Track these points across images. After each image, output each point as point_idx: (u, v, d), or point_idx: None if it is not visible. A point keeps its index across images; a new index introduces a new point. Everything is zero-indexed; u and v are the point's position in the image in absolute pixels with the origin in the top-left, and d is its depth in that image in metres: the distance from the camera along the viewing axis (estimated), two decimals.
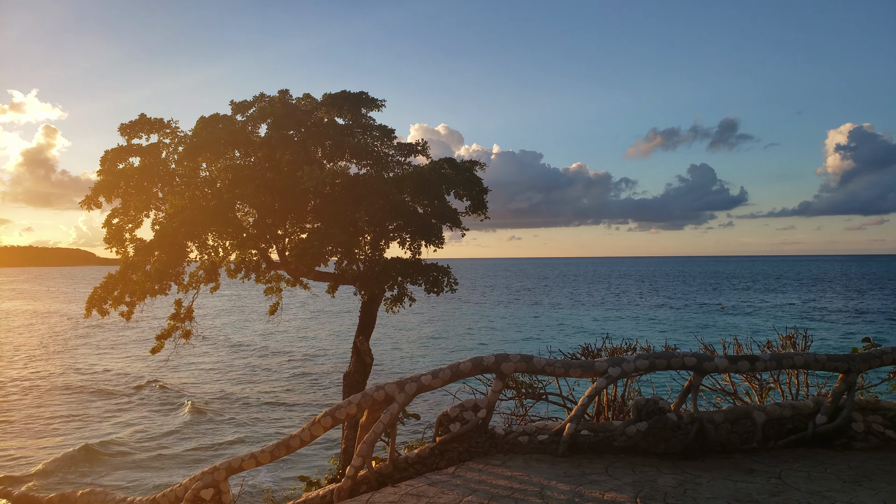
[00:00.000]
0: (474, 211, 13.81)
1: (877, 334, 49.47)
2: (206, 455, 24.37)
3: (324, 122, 13.70)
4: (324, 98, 13.98)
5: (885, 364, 8.37)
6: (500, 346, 50.46)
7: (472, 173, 13.84)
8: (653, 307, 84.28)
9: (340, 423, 8.37)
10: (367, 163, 13.58)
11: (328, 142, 13.26)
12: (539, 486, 6.38)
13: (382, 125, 13.82)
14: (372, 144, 13.58)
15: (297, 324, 67.37)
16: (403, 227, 13.14)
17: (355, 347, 13.55)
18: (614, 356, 9.08)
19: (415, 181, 12.97)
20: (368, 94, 13.92)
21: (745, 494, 5.99)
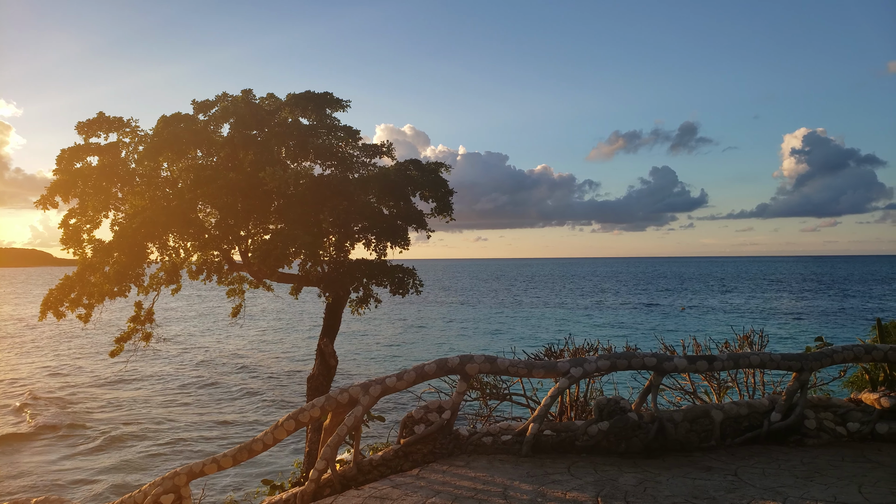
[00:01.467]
0: (440, 212, 13.82)
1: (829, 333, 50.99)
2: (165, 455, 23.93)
3: (287, 123, 13.57)
4: (288, 98, 13.85)
5: (835, 362, 8.65)
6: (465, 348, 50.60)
7: (437, 175, 13.86)
8: (615, 308, 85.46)
9: (304, 427, 8.32)
10: (332, 163, 13.50)
11: (292, 142, 13.13)
12: (502, 486, 6.43)
13: (347, 126, 13.75)
14: (336, 145, 13.50)
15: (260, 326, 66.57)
16: (368, 229, 13.09)
17: (319, 350, 13.45)
18: (576, 357, 9.20)
19: (380, 182, 12.93)
20: (333, 95, 13.83)
21: (702, 491, 6.13)
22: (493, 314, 78.68)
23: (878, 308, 77.06)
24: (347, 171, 13.47)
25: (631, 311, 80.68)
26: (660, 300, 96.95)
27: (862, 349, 8.71)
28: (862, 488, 6.06)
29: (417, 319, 71.20)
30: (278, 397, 33.99)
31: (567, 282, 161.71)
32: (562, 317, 74.46)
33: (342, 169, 13.44)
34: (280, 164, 12.98)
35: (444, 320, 71.51)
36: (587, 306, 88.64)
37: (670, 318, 71.09)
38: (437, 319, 72.21)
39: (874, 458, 7.17)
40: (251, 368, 42.69)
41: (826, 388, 10.28)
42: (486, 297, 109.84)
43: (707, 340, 10.56)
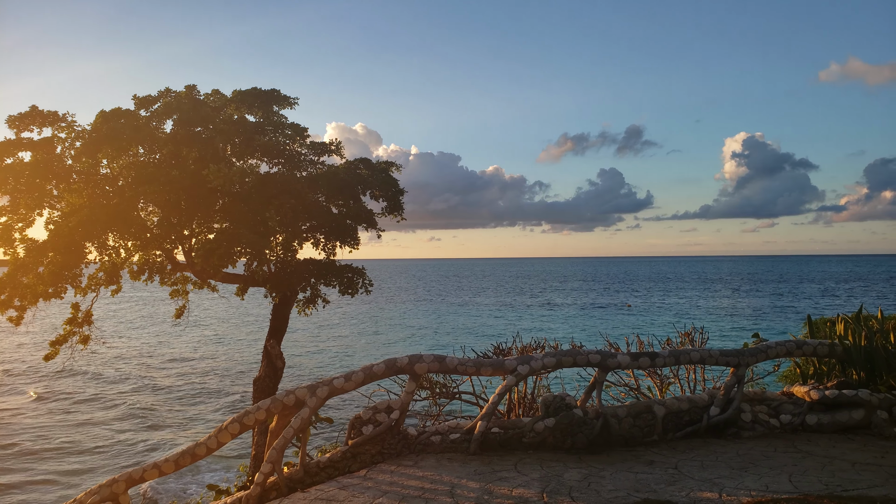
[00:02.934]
0: (391, 212, 13.80)
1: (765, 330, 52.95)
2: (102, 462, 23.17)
3: (233, 120, 13.32)
4: (233, 94, 13.60)
5: (770, 357, 8.99)
6: (415, 347, 50.58)
7: (388, 174, 13.83)
8: (563, 306, 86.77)
9: (249, 430, 8.19)
10: (279, 161, 13.32)
11: (237, 139, 12.90)
12: (450, 485, 6.47)
13: (295, 123, 13.58)
14: (284, 143, 13.33)
15: (204, 327, 65.09)
16: (317, 228, 12.97)
17: (266, 351, 13.25)
18: (524, 354, 9.31)
19: (329, 181, 12.82)
20: (280, 92, 13.65)
21: (644, 485, 6.29)
22: (444, 313, 78.89)
23: (809, 305, 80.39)
24: (295, 169, 13.32)
25: (579, 309, 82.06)
26: (607, 299, 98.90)
27: (794, 344, 9.08)
28: (792, 477, 6.33)
29: (367, 320, 70.84)
30: (223, 400, 33.31)
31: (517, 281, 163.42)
32: (511, 315, 75.20)
33: (290, 167, 13.28)
34: (225, 161, 12.74)
35: (394, 320, 71.33)
36: (536, 305, 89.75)
37: (617, 316, 72.61)
38: (388, 319, 71.98)
39: (804, 448, 7.49)
40: (195, 371, 41.72)
41: (762, 383, 10.67)
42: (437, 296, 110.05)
43: (650, 338, 10.84)
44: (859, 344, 8.96)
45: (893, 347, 8.91)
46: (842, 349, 9.03)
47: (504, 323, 66.39)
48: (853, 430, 8.18)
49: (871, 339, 8.96)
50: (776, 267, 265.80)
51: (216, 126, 13.00)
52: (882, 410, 8.15)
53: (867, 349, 8.87)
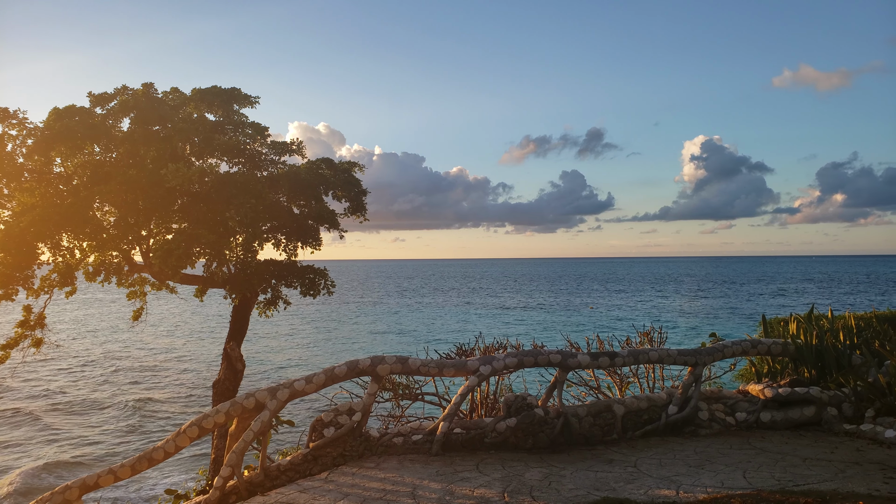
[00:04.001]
0: (353, 212, 13.72)
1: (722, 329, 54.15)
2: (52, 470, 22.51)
3: (192, 118, 13.08)
4: (193, 93, 13.36)
5: (726, 357, 9.21)
6: (378, 348, 50.36)
7: (350, 174, 13.74)
8: (526, 307, 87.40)
9: (208, 433, 8.05)
10: (239, 161, 13.13)
11: (197, 138, 12.68)
12: (412, 486, 6.46)
13: (256, 122, 13.41)
14: (244, 142, 13.14)
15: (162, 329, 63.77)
16: (278, 228, 12.82)
17: (226, 353, 13.04)
18: (486, 355, 9.35)
19: (290, 181, 12.68)
20: (241, 90, 13.46)
21: (604, 483, 6.37)
22: (407, 314, 78.75)
23: (765, 305, 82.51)
24: (256, 168, 13.15)
25: (541, 309, 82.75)
26: (569, 299, 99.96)
27: (749, 344, 9.32)
28: (746, 474, 6.48)
29: (330, 321, 70.27)
30: (182, 403, 32.68)
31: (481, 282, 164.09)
32: (474, 316, 75.46)
33: (250, 167, 13.10)
34: (184, 160, 12.51)
35: (357, 321, 70.91)
36: (499, 306, 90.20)
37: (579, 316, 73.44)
38: (351, 321, 71.53)
39: (758, 444, 7.68)
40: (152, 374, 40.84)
41: (719, 381, 10.92)
42: (400, 297, 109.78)
43: (610, 337, 10.99)
44: (810, 343, 9.23)
45: (842, 346, 9.21)
46: (794, 348, 9.29)
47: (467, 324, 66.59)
48: (805, 426, 8.43)
49: (821, 338, 9.24)
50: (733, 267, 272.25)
51: (175, 125, 12.75)
52: (832, 407, 8.41)
53: (818, 348, 9.15)
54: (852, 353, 9.08)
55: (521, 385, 11.42)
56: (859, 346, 9.26)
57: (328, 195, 13.47)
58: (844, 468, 6.59)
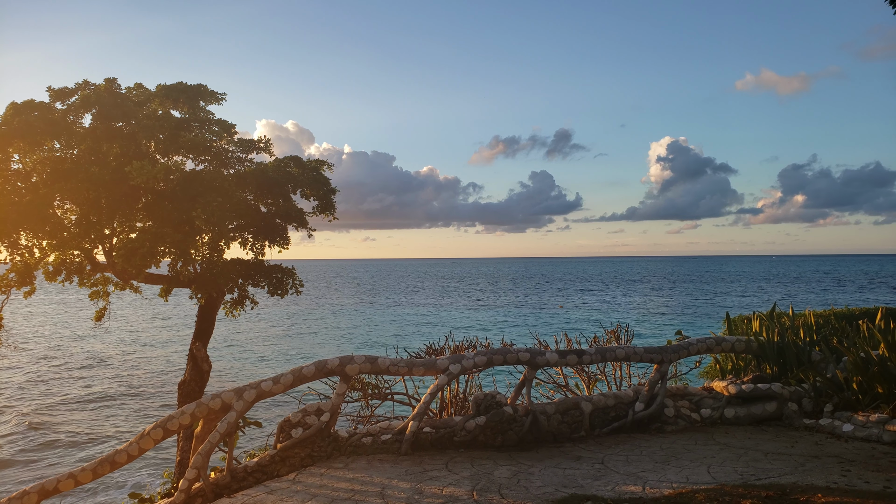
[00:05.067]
0: (322, 211, 13.61)
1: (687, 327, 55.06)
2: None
3: (157, 115, 12.84)
4: (158, 89, 13.11)
5: (691, 354, 9.37)
6: (347, 348, 50.08)
7: (319, 173, 13.63)
8: (496, 306, 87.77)
9: (173, 435, 7.92)
10: (206, 158, 12.92)
11: (161, 135, 12.44)
12: (380, 486, 6.43)
13: (222, 119, 13.21)
14: (211, 139, 12.94)
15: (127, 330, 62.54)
16: (245, 227, 12.65)
17: (191, 354, 12.83)
18: (456, 354, 9.36)
19: (257, 179, 12.53)
20: (207, 87, 13.25)
21: (571, 481, 6.43)
22: (377, 314, 78.49)
23: (729, 303, 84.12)
24: (222, 166, 12.96)
25: (512, 308, 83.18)
26: (539, 298, 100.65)
27: (713, 341, 9.49)
28: (710, 469, 6.60)
29: (298, 321, 69.65)
30: (147, 405, 32.10)
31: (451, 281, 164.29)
32: (444, 315, 75.53)
33: (216, 164, 12.91)
34: (149, 158, 12.28)
35: (326, 321, 70.43)
36: (469, 305, 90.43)
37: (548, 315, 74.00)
38: (319, 320, 71.01)
39: (722, 440, 7.83)
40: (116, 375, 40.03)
41: (685, 378, 11.10)
42: (370, 296, 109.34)
43: (578, 335, 11.09)
44: (772, 340, 9.45)
45: (803, 343, 9.44)
46: (757, 345, 9.50)
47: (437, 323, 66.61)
48: (767, 421, 8.62)
49: (783, 336, 9.46)
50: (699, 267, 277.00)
51: (139, 121, 12.50)
52: (792, 402, 8.61)
53: (779, 345, 9.36)
54: (812, 350, 9.31)
55: (490, 383, 11.47)
56: (818, 342, 9.50)
57: (296, 194, 13.34)
58: (804, 462, 6.75)
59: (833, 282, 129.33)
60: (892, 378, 7.95)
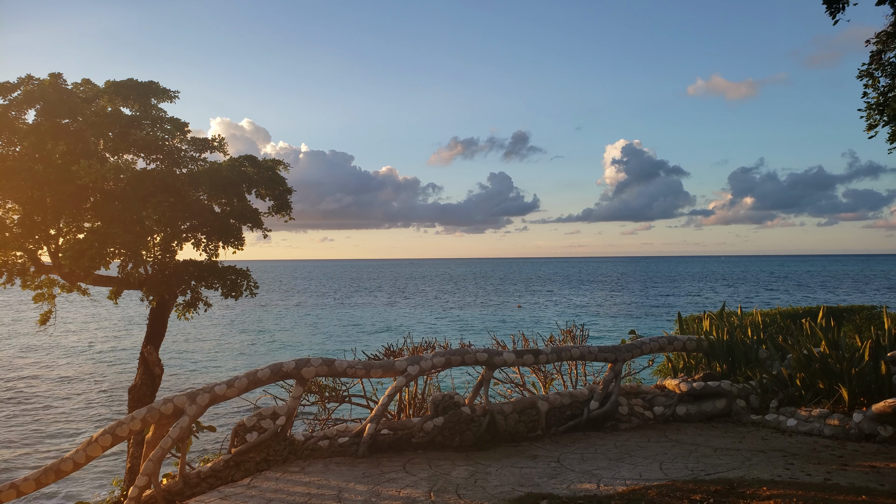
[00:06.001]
0: (278, 211, 13.42)
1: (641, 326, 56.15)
2: None
3: (106, 112, 12.47)
4: (107, 85, 12.73)
5: (645, 353, 9.57)
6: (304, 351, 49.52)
7: (275, 172, 13.44)
8: (456, 307, 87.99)
9: (122, 441, 7.71)
10: (157, 157, 12.61)
11: (111, 133, 12.09)
12: (337, 489, 6.39)
13: (175, 118, 12.91)
14: (162, 138, 12.63)
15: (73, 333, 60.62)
16: (198, 227, 12.39)
17: (143, 358, 12.50)
18: (414, 355, 9.36)
19: (211, 178, 12.27)
20: (159, 84, 12.93)
21: (528, 479, 6.50)
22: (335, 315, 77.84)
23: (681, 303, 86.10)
24: (175, 165, 12.67)
25: (470, 309, 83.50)
26: (498, 298, 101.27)
27: (666, 340, 9.71)
28: (662, 465, 6.76)
29: (253, 323, 68.58)
30: (95, 411, 31.17)
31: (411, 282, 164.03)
32: (403, 316, 75.37)
33: (169, 163, 12.61)
34: (97, 156, 11.92)
35: (282, 323, 69.50)
36: (429, 305, 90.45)
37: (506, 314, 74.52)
38: (275, 322, 70.03)
39: (674, 437, 8.02)
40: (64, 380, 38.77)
41: (638, 377, 11.33)
42: (328, 298, 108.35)
43: (535, 335, 11.21)
44: (722, 339, 9.72)
45: (751, 341, 9.74)
46: (707, 344, 9.75)
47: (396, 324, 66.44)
48: (717, 418, 8.87)
49: (732, 334, 9.74)
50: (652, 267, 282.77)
51: (87, 118, 12.12)
52: (740, 399, 8.88)
53: (728, 343, 9.63)
54: (759, 348, 9.61)
55: (449, 384, 11.50)
56: (765, 341, 9.81)
57: (251, 193, 13.13)
58: (751, 456, 6.96)
59: (779, 281, 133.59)
60: (833, 374, 8.26)
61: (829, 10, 7.56)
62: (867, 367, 8.06)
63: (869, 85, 10.78)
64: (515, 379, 10.82)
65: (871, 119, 10.66)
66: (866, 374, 8.05)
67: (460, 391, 9.58)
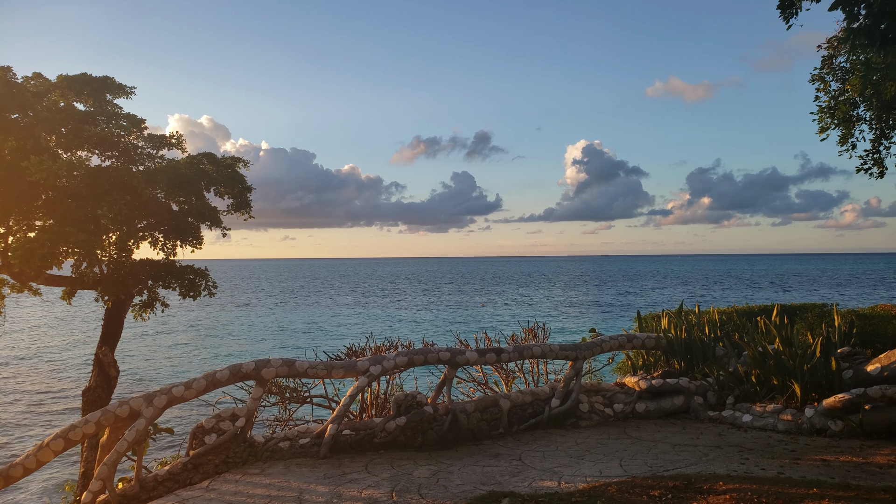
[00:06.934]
0: (237, 209, 13.23)
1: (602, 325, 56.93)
2: None
3: (59, 107, 12.12)
4: (59, 79, 12.37)
5: (605, 351, 9.69)
6: (264, 351, 48.89)
7: (234, 170, 13.24)
8: (419, 306, 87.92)
9: (75, 445, 7.50)
10: (113, 154, 12.31)
11: (64, 129, 11.76)
12: (298, 490, 6.32)
13: (131, 114, 12.62)
14: (118, 134, 12.32)
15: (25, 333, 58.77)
16: (155, 226, 12.13)
17: (97, 359, 12.19)
18: (377, 355, 9.31)
19: (168, 176, 12.03)
20: (114, 79, 12.62)
21: (490, 478, 6.52)
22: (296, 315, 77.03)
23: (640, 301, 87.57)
24: (131, 163, 12.39)
25: (434, 308, 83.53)
26: (461, 297, 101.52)
27: (625, 338, 9.86)
28: (622, 462, 6.85)
29: (212, 324, 67.42)
30: (47, 414, 30.25)
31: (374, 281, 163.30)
32: (366, 316, 75.01)
33: (125, 160, 12.32)
34: (49, 153, 11.58)
35: (242, 323, 68.48)
36: (391, 305, 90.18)
37: (470, 313, 74.76)
38: (236, 323, 68.98)
39: (633, 433, 8.14)
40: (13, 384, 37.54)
41: (599, 374, 11.46)
42: (289, 297, 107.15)
43: (497, 334, 11.26)
44: (680, 337, 9.90)
45: (708, 339, 9.94)
46: (665, 342, 9.93)
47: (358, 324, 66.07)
48: (675, 414, 9.03)
49: (689, 332, 9.93)
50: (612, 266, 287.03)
51: (38, 113, 11.76)
52: (698, 396, 9.06)
53: (686, 341, 9.82)
54: (716, 346, 9.82)
55: (412, 384, 11.47)
56: (722, 338, 10.03)
57: (210, 191, 12.91)
58: (708, 452, 7.11)
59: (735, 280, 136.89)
60: (786, 370, 8.49)
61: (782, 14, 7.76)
62: (818, 363, 8.31)
63: (820, 89, 11.12)
64: (478, 378, 10.85)
65: (823, 122, 11.00)
66: (818, 371, 8.30)
67: (423, 391, 9.55)
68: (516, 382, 10.74)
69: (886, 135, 10.96)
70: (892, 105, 10.44)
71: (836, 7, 7.19)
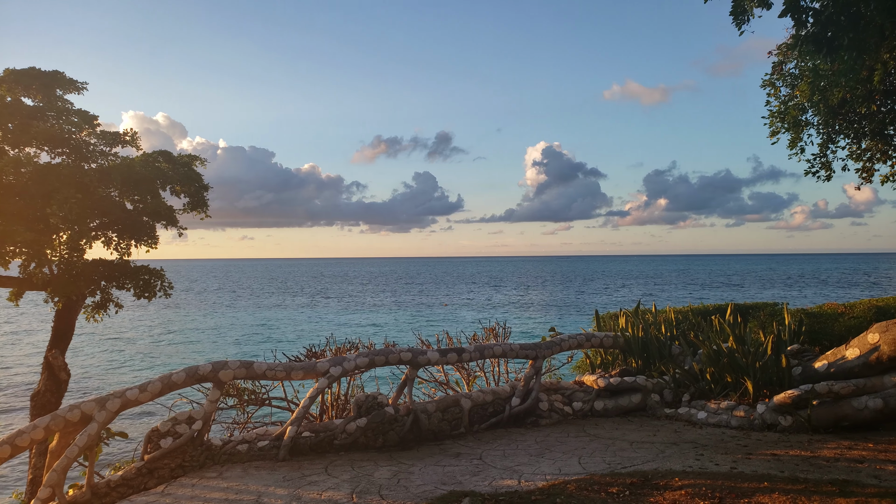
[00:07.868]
0: (194, 208, 12.99)
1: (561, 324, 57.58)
2: None
3: (5, 102, 11.71)
4: (6, 73, 11.95)
5: (564, 350, 9.81)
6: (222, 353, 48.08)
7: (190, 168, 12.99)
8: (381, 306, 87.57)
9: (22, 452, 7.25)
10: (63, 151, 11.94)
11: (11, 124, 11.36)
12: (256, 493, 6.24)
13: (83, 110, 12.26)
14: (69, 130, 11.97)
15: None
16: (108, 225, 11.82)
17: (47, 362, 11.81)
18: (338, 356, 9.24)
19: (123, 174, 11.73)
20: (65, 74, 12.25)
21: (451, 478, 6.53)
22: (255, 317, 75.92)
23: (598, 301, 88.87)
24: (83, 160, 12.04)
25: (396, 308, 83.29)
26: (423, 298, 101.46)
27: (584, 337, 9.99)
28: (581, 460, 6.94)
29: (168, 325, 65.99)
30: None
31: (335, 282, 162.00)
32: (326, 317, 74.38)
33: (76, 158, 11.97)
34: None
35: (199, 325, 67.18)
36: (353, 305, 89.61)
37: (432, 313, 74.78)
38: (192, 324, 67.63)
39: (592, 431, 8.26)
40: None
41: (558, 373, 11.59)
42: (247, 298, 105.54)
43: (459, 334, 11.29)
44: (637, 335, 10.07)
45: (664, 338, 10.14)
46: (623, 340, 10.10)
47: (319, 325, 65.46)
48: (633, 412, 9.19)
49: (646, 331, 10.11)
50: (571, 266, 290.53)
51: None
52: (655, 394, 9.24)
53: (643, 340, 10.00)
54: (672, 344, 10.03)
55: (374, 385, 11.42)
56: (678, 337, 10.24)
57: (166, 190, 12.64)
58: (664, 449, 7.26)
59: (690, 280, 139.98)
60: (739, 368, 8.72)
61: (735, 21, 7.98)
62: (770, 360, 8.56)
63: (771, 94, 11.46)
64: (440, 377, 10.86)
65: (774, 126, 11.33)
66: (769, 368, 8.55)
67: (384, 391, 9.52)
68: (477, 382, 10.79)
69: (833, 139, 11.36)
70: (839, 110, 10.82)
71: (785, 14, 7.42)
